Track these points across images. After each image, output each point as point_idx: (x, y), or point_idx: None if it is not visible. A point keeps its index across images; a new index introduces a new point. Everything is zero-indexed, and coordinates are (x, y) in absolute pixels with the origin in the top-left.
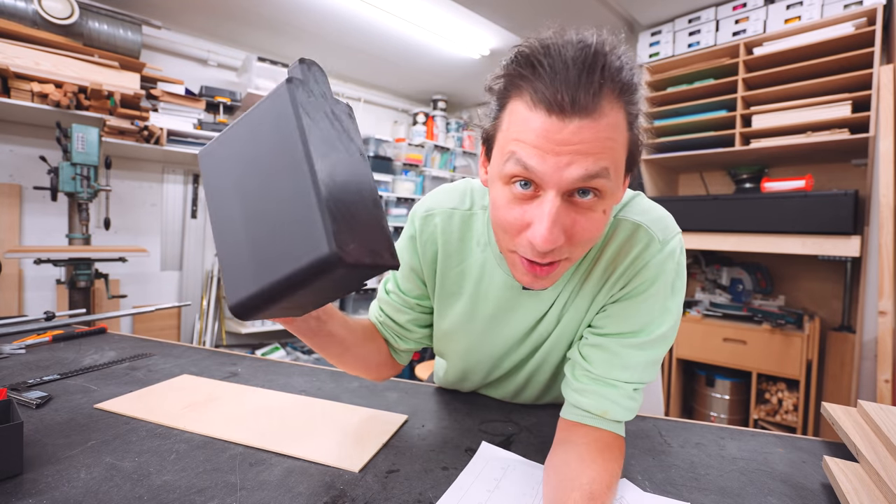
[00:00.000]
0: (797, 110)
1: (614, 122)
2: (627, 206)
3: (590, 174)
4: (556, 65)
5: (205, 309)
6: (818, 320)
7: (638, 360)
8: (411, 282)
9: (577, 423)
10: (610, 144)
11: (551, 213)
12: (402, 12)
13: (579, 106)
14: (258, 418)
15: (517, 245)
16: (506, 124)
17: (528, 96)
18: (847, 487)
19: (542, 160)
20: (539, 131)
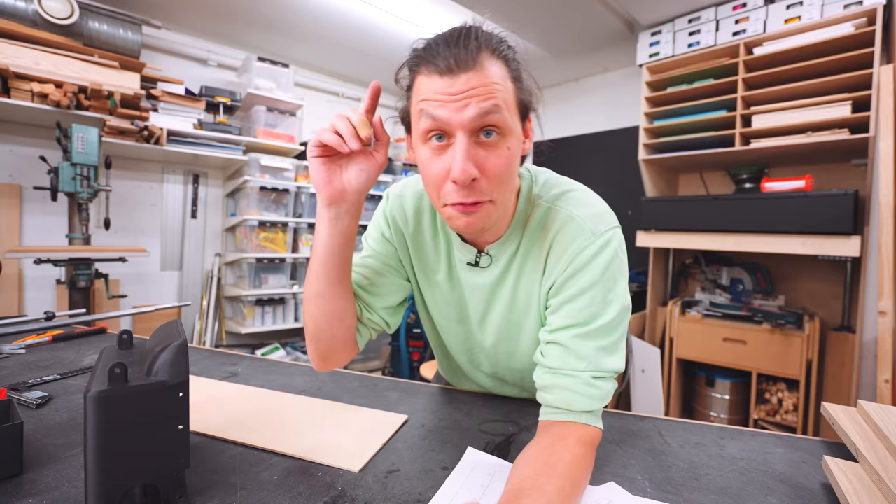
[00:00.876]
0: (797, 110)
1: (496, 72)
2: (564, 197)
3: (484, 111)
4: (440, 41)
5: (205, 309)
6: (818, 320)
7: (587, 349)
8: (384, 251)
9: (549, 421)
10: (496, 88)
11: (462, 149)
12: (402, 12)
13: (463, 63)
14: (258, 418)
15: (445, 194)
16: (414, 97)
17: (424, 70)
18: (847, 487)
19: (444, 107)
20: (438, 89)
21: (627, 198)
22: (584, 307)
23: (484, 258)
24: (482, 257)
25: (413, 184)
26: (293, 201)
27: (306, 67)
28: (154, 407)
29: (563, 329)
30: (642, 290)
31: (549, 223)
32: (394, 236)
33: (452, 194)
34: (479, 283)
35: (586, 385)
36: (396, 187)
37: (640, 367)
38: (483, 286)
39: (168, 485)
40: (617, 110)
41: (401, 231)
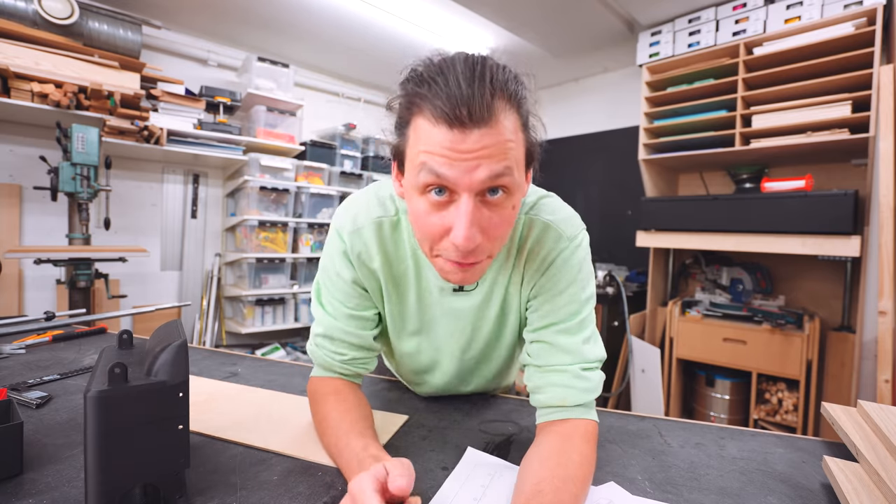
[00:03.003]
0: (797, 110)
1: (510, 126)
2: (537, 206)
3: (495, 174)
4: (449, 81)
5: (205, 309)
6: (818, 320)
7: (571, 343)
8: (356, 295)
9: (548, 422)
10: (509, 146)
11: (468, 214)
12: (402, 12)
13: (476, 117)
14: (258, 418)
15: (441, 249)
16: (412, 139)
17: (429, 113)
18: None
19: (452, 167)
20: (445, 143)
21: (627, 198)
22: (564, 304)
23: None
24: None
25: (364, 211)
26: (293, 201)
27: (306, 67)
28: (154, 407)
29: (546, 327)
30: (642, 290)
31: (527, 232)
32: (363, 277)
33: (450, 252)
34: (465, 307)
35: (576, 378)
36: (346, 222)
37: (640, 367)
38: (469, 309)
39: (168, 485)
40: (617, 110)
41: (366, 267)
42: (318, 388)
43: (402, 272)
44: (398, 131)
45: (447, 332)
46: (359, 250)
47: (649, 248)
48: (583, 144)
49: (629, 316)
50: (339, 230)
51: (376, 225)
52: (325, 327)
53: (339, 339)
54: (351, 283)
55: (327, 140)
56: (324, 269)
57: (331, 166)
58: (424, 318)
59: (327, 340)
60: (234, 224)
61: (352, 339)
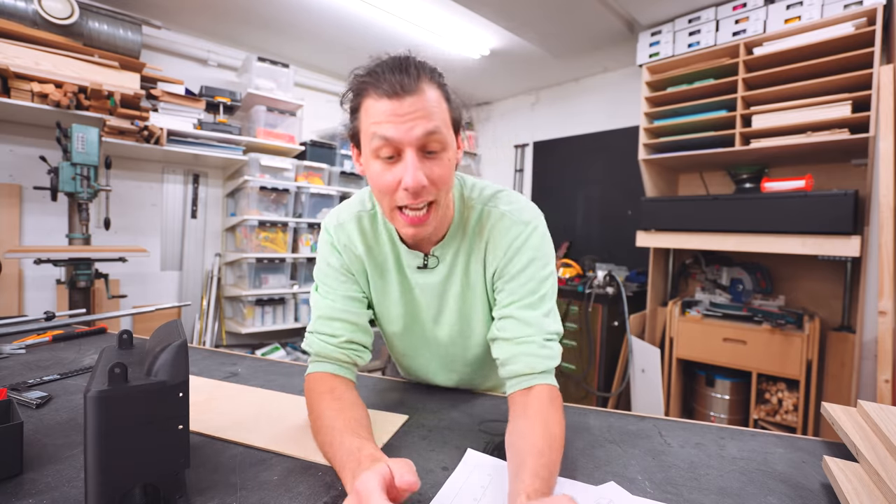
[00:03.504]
0: (797, 110)
1: (434, 97)
2: (494, 198)
3: (428, 131)
4: (384, 68)
5: (205, 309)
6: (818, 320)
7: (535, 316)
8: (347, 280)
9: (517, 391)
10: (436, 110)
11: (413, 162)
12: (402, 12)
13: (407, 88)
14: (258, 418)
15: (396, 200)
16: (363, 118)
17: (373, 93)
18: (847, 487)
19: (395, 129)
20: (387, 111)
21: (627, 198)
22: (525, 282)
23: (431, 259)
24: (429, 259)
25: (346, 208)
26: (293, 201)
27: (306, 67)
28: (154, 407)
29: (511, 304)
30: (642, 290)
31: (485, 221)
32: (350, 262)
33: (404, 198)
34: (430, 283)
35: (541, 347)
36: (331, 219)
37: (640, 367)
38: (434, 285)
39: (168, 485)
40: (617, 110)
41: (353, 254)
42: (314, 387)
43: (383, 257)
44: (352, 117)
45: (420, 305)
46: (344, 241)
47: (649, 248)
48: (583, 144)
49: (629, 316)
50: (326, 226)
51: (356, 217)
52: (323, 309)
53: (337, 318)
54: (341, 269)
55: (327, 140)
56: (318, 266)
57: (331, 166)
58: (404, 296)
59: (323, 322)
60: (234, 224)
61: (349, 318)
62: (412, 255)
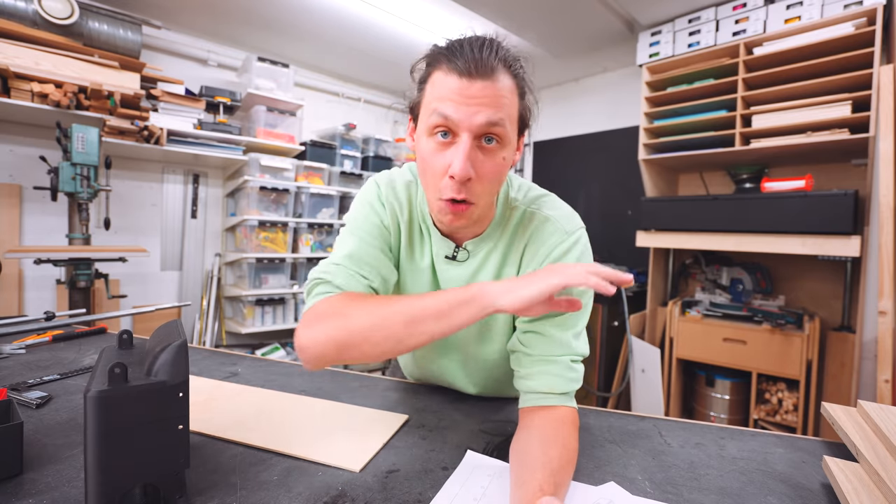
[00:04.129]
0: (797, 110)
1: (508, 86)
2: (539, 201)
3: (492, 121)
4: (463, 45)
5: (205, 309)
6: (818, 320)
7: (565, 336)
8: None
9: (533, 407)
10: (505, 102)
11: (465, 149)
12: (402, 12)
13: (481, 71)
14: (258, 418)
15: (441, 189)
16: (429, 91)
17: (444, 67)
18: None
19: (457, 109)
20: (454, 89)
21: (627, 198)
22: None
23: (461, 252)
24: (459, 252)
25: (399, 175)
26: (293, 201)
27: (306, 67)
28: (154, 407)
29: (541, 319)
30: (642, 290)
31: (527, 223)
32: (390, 223)
33: (447, 189)
34: (455, 276)
35: (566, 369)
36: (383, 176)
37: (640, 367)
38: (458, 279)
39: (168, 485)
40: (617, 110)
41: (397, 218)
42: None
43: (418, 231)
44: (419, 87)
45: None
46: (391, 200)
47: (649, 248)
48: (583, 144)
49: (629, 316)
50: (377, 180)
51: (407, 185)
52: (354, 249)
53: (369, 262)
54: (381, 223)
55: (327, 140)
56: (354, 214)
57: (331, 166)
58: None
59: (354, 261)
60: (234, 224)
61: (379, 267)
62: (443, 243)
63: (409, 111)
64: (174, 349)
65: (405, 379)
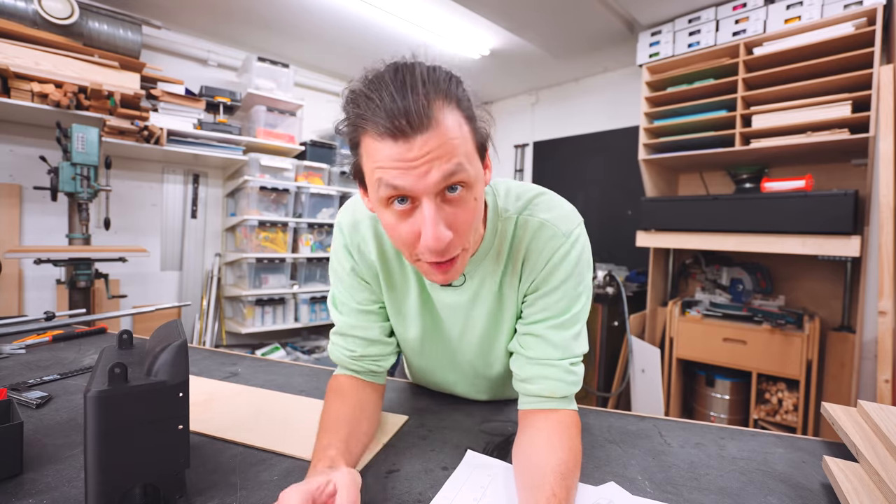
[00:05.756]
0: (797, 110)
1: (452, 124)
2: (532, 204)
3: (448, 173)
4: (383, 97)
5: (205, 309)
6: (818, 320)
7: (564, 337)
8: (360, 287)
9: (533, 410)
10: (455, 143)
11: (431, 216)
12: (402, 12)
13: (416, 125)
14: (258, 418)
15: (419, 253)
16: (365, 157)
17: (372, 131)
18: (847, 487)
19: (405, 177)
20: (393, 156)
21: (627, 198)
22: (558, 300)
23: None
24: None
25: (361, 206)
26: (293, 201)
27: (306, 67)
28: (154, 407)
29: (540, 322)
30: (642, 290)
31: (522, 233)
32: (363, 268)
33: (426, 255)
34: (455, 302)
35: (565, 372)
36: (346, 216)
37: (640, 367)
38: (459, 304)
39: (168, 485)
40: (617, 110)
41: (367, 260)
42: (329, 386)
43: (400, 269)
44: (353, 152)
45: (444, 322)
46: (357, 242)
47: (649, 248)
48: (583, 144)
49: (629, 316)
50: (340, 225)
51: (372, 219)
52: (338, 325)
53: (350, 335)
54: (353, 274)
55: (327, 140)
56: (332, 268)
57: (331, 166)
58: (423, 308)
59: (340, 338)
60: (234, 224)
61: (362, 334)
62: None
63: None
64: (174, 349)
65: (406, 379)
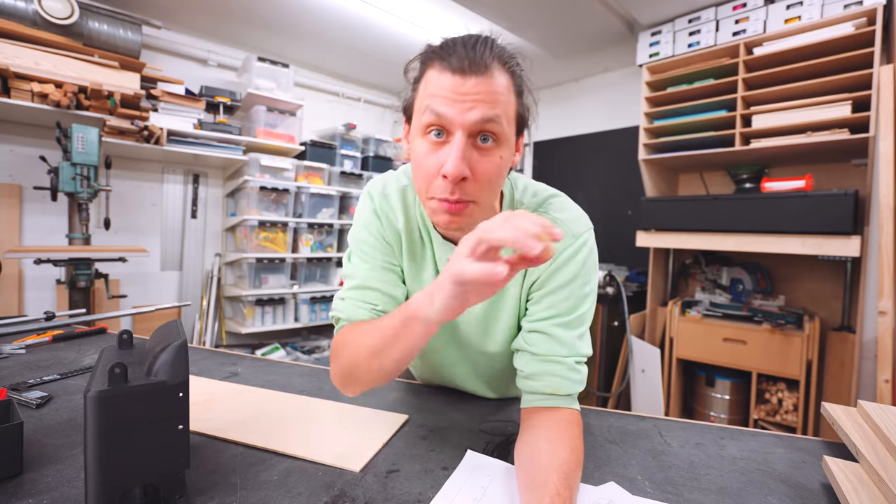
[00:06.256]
0: (797, 110)
1: (503, 83)
2: (546, 204)
3: (486, 118)
4: (456, 43)
5: (205, 309)
6: (818, 320)
7: (569, 336)
8: (386, 249)
9: (536, 408)
10: (501, 98)
11: (459, 147)
12: (402, 12)
13: (475, 67)
14: (258, 418)
15: (434, 189)
16: (422, 90)
17: (437, 65)
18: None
19: (451, 106)
20: (447, 86)
21: (627, 198)
22: (565, 298)
23: None
24: None
25: (393, 181)
26: (293, 201)
27: (306, 67)
28: (154, 407)
29: (546, 319)
30: (642, 290)
31: None
32: (389, 234)
33: (440, 189)
34: None
35: (571, 370)
36: (376, 185)
37: (640, 367)
38: None
39: (168, 485)
40: (617, 110)
41: (394, 227)
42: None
43: (419, 241)
44: (412, 86)
45: None
46: (386, 210)
47: (649, 248)
48: (583, 144)
49: (629, 316)
50: (370, 192)
51: (402, 192)
52: (358, 278)
53: (374, 287)
54: (380, 237)
55: (327, 140)
56: (354, 233)
57: (331, 166)
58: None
59: (358, 291)
60: (234, 224)
61: (385, 288)
62: (445, 248)
63: (403, 112)
64: (174, 349)
65: (406, 379)
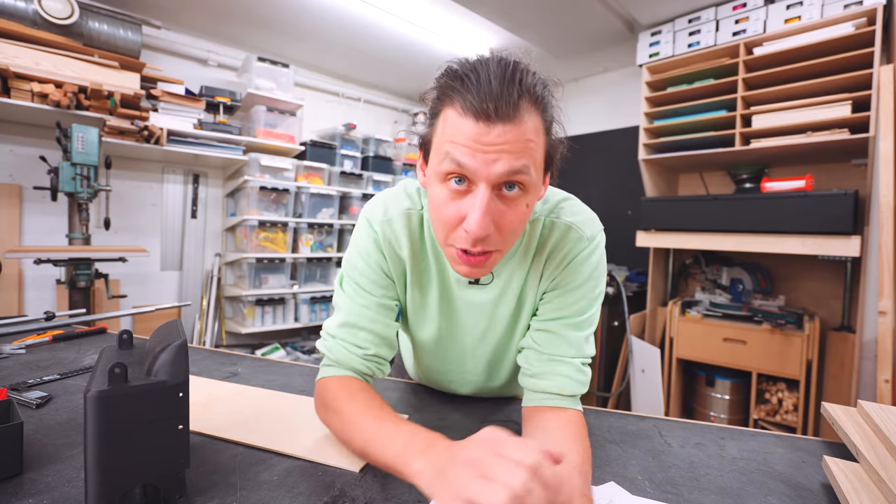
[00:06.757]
0: (797, 110)
1: (532, 127)
2: (558, 208)
3: (513, 170)
4: (481, 78)
5: (205, 309)
6: (818, 320)
7: (577, 337)
8: (385, 284)
9: (540, 407)
10: (530, 146)
11: (483, 203)
12: (402, 12)
13: (502, 113)
14: (258, 418)
15: (454, 238)
16: (440, 129)
17: (458, 105)
18: (847, 487)
19: (473, 157)
20: (469, 135)
21: (627, 198)
22: (576, 300)
23: (485, 276)
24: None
25: (393, 203)
26: (293, 201)
27: (306, 67)
28: (154, 407)
29: (556, 319)
30: (642, 290)
31: (548, 234)
32: (393, 267)
33: (461, 240)
34: (480, 301)
35: (577, 371)
36: (376, 210)
37: (640, 367)
38: (484, 302)
39: (168, 485)
40: (617, 110)
41: (396, 256)
42: (330, 388)
43: (426, 263)
44: (429, 121)
45: (463, 323)
46: (389, 238)
47: (649, 248)
48: (583, 144)
49: (629, 316)
50: (370, 220)
51: (406, 216)
52: (351, 316)
53: (365, 327)
54: (380, 271)
55: (327, 140)
56: (352, 260)
57: (331, 166)
58: (443, 307)
59: (349, 330)
60: (234, 224)
61: (378, 329)
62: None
63: (419, 145)
64: (174, 349)
65: (406, 379)
